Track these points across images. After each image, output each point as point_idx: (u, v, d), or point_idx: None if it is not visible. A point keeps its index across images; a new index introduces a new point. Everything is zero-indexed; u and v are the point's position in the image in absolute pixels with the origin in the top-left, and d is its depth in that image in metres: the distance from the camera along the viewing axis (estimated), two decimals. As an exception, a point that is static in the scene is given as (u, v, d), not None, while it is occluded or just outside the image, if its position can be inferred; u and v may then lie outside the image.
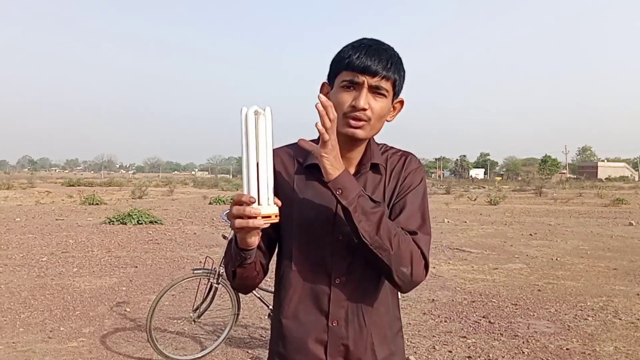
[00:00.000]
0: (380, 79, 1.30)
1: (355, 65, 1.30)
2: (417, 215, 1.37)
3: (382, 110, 1.33)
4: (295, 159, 1.43)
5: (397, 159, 1.43)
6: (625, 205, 22.91)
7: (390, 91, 1.33)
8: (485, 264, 8.49)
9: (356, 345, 1.35)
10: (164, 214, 16.32)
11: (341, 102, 1.32)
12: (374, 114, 1.31)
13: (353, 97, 1.31)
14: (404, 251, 1.28)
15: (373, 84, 1.30)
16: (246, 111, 1.19)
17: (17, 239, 10.55)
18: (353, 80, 1.30)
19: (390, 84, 1.33)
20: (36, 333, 4.75)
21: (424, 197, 1.41)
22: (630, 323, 5.21)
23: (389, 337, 1.41)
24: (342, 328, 1.34)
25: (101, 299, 5.97)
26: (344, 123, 1.32)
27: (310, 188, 1.39)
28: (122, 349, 4.37)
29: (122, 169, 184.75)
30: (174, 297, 5.82)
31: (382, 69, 1.30)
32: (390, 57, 1.33)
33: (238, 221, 1.18)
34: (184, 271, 7.34)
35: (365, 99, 1.29)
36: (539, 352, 4.38)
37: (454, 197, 29.93)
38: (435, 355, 4.30)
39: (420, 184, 1.41)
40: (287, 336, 1.39)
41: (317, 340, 1.35)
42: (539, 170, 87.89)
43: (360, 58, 1.30)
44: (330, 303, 1.34)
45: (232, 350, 4.38)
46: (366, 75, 1.29)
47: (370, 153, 1.40)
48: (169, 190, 32.84)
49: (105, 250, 9.31)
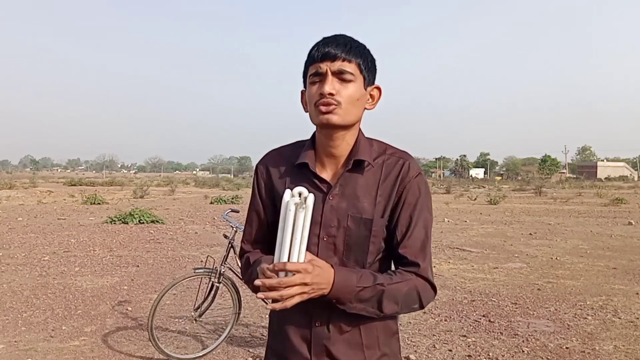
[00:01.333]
0: (342, 61, 1.29)
1: (315, 57, 1.31)
2: (423, 237, 1.36)
3: (352, 94, 1.31)
4: (290, 160, 1.44)
5: (395, 162, 1.39)
6: (625, 205, 22.91)
7: (357, 74, 1.32)
8: (485, 263, 8.51)
9: (340, 347, 1.35)
10: (166, 214, 16.34)
11: (311, 95, 1.33)
12: (343, 97, 1.30)
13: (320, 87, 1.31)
14: (411, 297, 1.33)
15: (335, 69, 1.29)
16: (287, 200, 1.21)
17: (19, 238, 10.57)
18: (317, 72, 1.31)
19: (354, 67, 1.31)
20: (38, 332, 4.77)
21: (428, 209, 1.39)
22: (629, 322, 5.22)
23: (381, 340, 1.40)
24: (325, 329, 1.35)
25: (103, 298, 5.99)
26: (316, 113, 1.32)
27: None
28: (123, 348, 4.39)
29: (124, 169, 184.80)
30: (176, 296, 5.84)
31: (341, 52, 1.29)
32: (350, 41, 1.33)
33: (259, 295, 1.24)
34: (185, 270, 7.37)
35: (330, 84, 1.29)
36: (539, 351, 4.39)
37: (454, 197, 29.95)
38: (435, 354, 4.32)
39: (422, 195, 1.38)
40: (277, 333, 1.43)
41: (302, 339, 1.37)
42: (539, 170, 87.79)
43: (320, 48, 1.31)
44: (313, 304, 1.31)
45: (233, 349, 4.39)
46: (327, 61, 1.29)
47: (356, 149, 1.37)
48: (170, 189, 32.86)
49: (107, 250, 9.33)
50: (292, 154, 1.43)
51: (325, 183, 1.37)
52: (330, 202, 1.36)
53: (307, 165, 1.38)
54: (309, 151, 1.40)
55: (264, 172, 1.47)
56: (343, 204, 1.35)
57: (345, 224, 1.34)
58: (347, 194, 1.36)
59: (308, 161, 1.38)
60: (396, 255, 1.37)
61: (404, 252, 1.35)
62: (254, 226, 1.49)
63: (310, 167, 1.37)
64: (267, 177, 1.46)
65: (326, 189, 1.37)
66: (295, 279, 1.18)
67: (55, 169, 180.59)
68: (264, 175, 1.47)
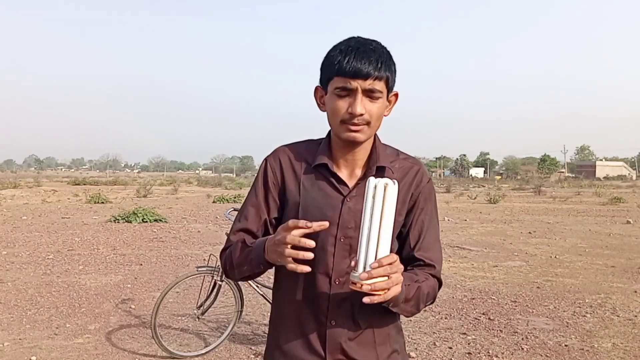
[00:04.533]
0: (373, 80, 1.28)
1: (346, 71, 1.28)
2: (436, 241, 1.45)
3: (379, 110, 1.33)
4: (304, 158, 1.42)
5: (409, 168, 1.43)
6: (623, 204, 22.89)
7: (384, 90, 1.32)
8: (485, 262, 8.54)
9: (354, 345, 1.36)
10: (169, 213, 16.39)
11: (337, 110, 1.32)
12: (372, 116, 1.31)
13: (348, 103, 1.30)
14: (431, 295, 1.41)
15: (367, 88, 1.28)
16: (375, 183, 1.18)
17: (24, 237, 10.63)
18: (346, 87, 1.29)
19: (383, 83, 1.31)
20: (42, 330, 4.81)
21: (437, 214, 1.48)
22: (627, 320, 5.26)
23: (392, 337, 1.42)
24: (340, 327, 1.35)
25: (106, 296, 6.04)
26: (343, 129, 1.32)
27: (317, 188, 1.38)
28: (127, 346, 4.43)
29: (127, 168, 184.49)
30: (178, 294, 5.89)
31: (373, 70, 1.27)
32: (380, 55, 1.30)
33: (289, 251, 1.17)
34: (188, 269, 7.41)
35: (361, 104, 1.28)
36: (538, 349, 4.42)
37: (454, 196, 29.87)
38: (435, 352, 4.35)
39: (433, 201, 1.46)
40: (288, 332, 1.41)
41: (317, 337, 1.36)
42: (538, 169, 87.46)
43: (350, 62, 1.27)
44: (330, 303, 1.35)
45: (235, 346, 4.43)
46: (358, 79, 1.27)
47: (377, 155, 1.40)
48: (173, 189, 32.89)
49: (111, 248, 9.38)
50: (307, 153, 1.42)
51: (344, 185, 1.38)
52: (348, 203, 1.36)
53: (326, 166, 1.38)
54: (326, 152, 1.40)
55: (275, 167, 1.43)
56: (360, 205, 1.31)
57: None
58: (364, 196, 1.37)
59: (327, 162, 1.38)
60: (411, 257, 1.41)
61: (420, 255, 1.41)
62: (250, 219, 1.43)
63: (329, 168, 1.38)
64: (279, 172, 1.42)
65: (345, 192, 1.37)
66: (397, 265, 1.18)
67: (59, 169, 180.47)
68: (276, 170, 1.43)
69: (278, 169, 1.42)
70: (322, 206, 1.36)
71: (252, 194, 1.45)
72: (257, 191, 1.44)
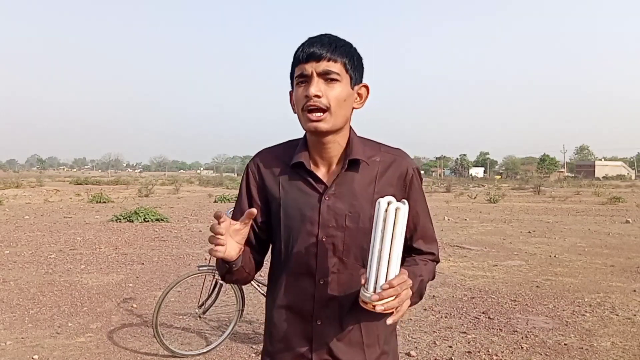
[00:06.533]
0: (327, 62, 1.27)
1: (300, 57, 1.29)
2: (430, 228, 1.48)
3: (339, 94, 1.29)
4: (282, 159, 1.41)
5: (392, 159, 1.40)
6: (622, 204, 22.90)
7: (343, 74, 1.30)
8: (484, 261, 8.56)
9: (341, 345, 1.35)
10: (170, 212, 16.43)
11: (297, 98, 1.32)
12: (330, 100, 1.28)
13: (306, 89, 1.30)
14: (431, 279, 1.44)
15: (321, 70, 1.27)
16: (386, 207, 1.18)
17: (26, 236, 10.66)
18: (303, 74, 1.29)
19: (340, 66, 1.29)
20: (45, 328, 4.83)
21: (424, 198, 1.47)
22: (627, 319, 5.27)
23: (382, 338, 1.40)
24: (326, 327, 1.35)
25: (108, 295, 6.06)
26: (305, 119, 1.31)
27: (295, 188, 1.37)
28: (128, 345, 4.45)
29: (129, 168, 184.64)
30: (180, 294, 5.91)
31: (326, 52, 1.27)
32: (335, 41, 1.30)
33: (211, 249, 1.22)
34: (190, 268, 7.43)
35: (316, 86, 1.27)
36: (538, 347, 4.43)
37: (454, 196, 29.87)
38: (435, 350, 4.37)
39: (420, 188, 1.45)
40: (274, 334, 1.41)
41: (303, 337, 1.36)
42: (538, 169, 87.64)
43: (304, 48, 1.29)
44: (315, 303, 1.34)
45: (236, 345, 4.45)
46: (312, 62, 1.27)
47: (350, 149, 1.37)
48: (174, 188, 32.85)
49: (113, 248, 9.40)
50: (284, 154, 1.41)
51: (321, 183, 1.36)
52: (327, 202, 1.34)
53: (303, 165, 1.36)
54: (303, 151, 1.38)
55: (255, 172, 1.43)
56: (339, 203, 1.34)
57: (344, 223, 1.34)
58: (343, 193, 1.35)
59: (304, 161, 1.36)
60: (409, 247, 1.43)
61: (418, 245, 1.44)
62: None
63: (306, 167, 1.36)
64: (259, 177, 1.43)
65: (322, 189, 1.36)
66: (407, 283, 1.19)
67: (61, 168, 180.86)
68: (255, 174, 1.43)
69: (257, 174, 1.43)
70: (302, 206, 1.36)
71: (237, 202, 1.47)
72: (242, 198, 1.45)
